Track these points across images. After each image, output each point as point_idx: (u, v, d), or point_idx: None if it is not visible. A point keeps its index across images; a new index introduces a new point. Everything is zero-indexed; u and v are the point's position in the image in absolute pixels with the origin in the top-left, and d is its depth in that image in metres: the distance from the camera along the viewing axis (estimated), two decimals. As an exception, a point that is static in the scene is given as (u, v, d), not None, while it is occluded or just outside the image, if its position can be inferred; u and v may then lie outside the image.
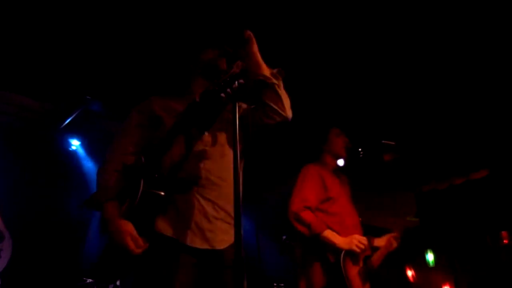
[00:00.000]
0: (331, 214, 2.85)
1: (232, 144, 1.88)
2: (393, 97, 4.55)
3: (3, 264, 3.64)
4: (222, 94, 1.64)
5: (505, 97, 4.49)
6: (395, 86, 4.38)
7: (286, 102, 1.92)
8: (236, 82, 1.62)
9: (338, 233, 2.75)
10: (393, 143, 3.44)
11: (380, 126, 4.96)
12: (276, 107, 1.88)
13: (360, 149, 3.19)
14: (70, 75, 4.15)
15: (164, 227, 1.70)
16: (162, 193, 1.69)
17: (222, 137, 1.92)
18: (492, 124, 4.99)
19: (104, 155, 1.89)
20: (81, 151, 5.36)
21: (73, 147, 5.32)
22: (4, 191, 4.14)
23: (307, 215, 2.74)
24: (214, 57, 1.97)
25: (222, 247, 1.73)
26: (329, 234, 2.71)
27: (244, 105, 1.75)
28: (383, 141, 3.41)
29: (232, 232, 1.73)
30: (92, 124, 5.12)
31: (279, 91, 1.89)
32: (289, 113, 1.93)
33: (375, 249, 2.99)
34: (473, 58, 3.95)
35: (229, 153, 1.87)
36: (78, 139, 5.31)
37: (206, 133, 1.88)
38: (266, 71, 1.89)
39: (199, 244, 1.69)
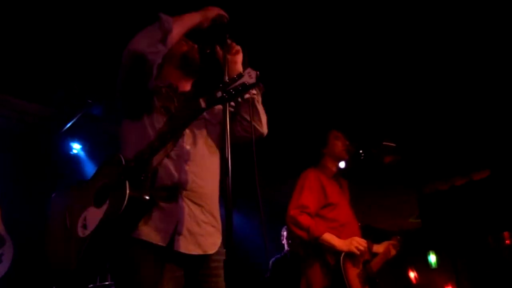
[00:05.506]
0: (330, 219, 2.84)
1: (213, 143, 1.84)
2: (394, 99, 4.55)
3: (4, 268, 3.63)
4: (233, 103, 1.54)
5: (505, 97, 4.48)
6: (395, 87, 4.38)
7: (264, 117, 1.88)
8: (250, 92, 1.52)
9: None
10: (393, 144, 3.44)
11: (380, 127, 4.96)
12: (253, 122, 1.81)
13: (361, 151, 3.18)
14: (71, 78, 4.15)
15: (149, 234, 1.59)
16: (147, 198, 1.58)
17: (201, 136, 1.83)
18: (493, 124, 4.98)
19: None
20: (82, 155, 5.36)
21: (74, 151, 5.31)
22: (5, 195, 4.13)
23: (304, 219, 2.73)
24: (189, 49, 1.90)
25: (212, 251, 1.68)
26: (328, 236, 2.70)
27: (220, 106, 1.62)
28: (384, 143, 3.40)
29: (217, 235, 1.74)
30: (93, 128, 5.12)
31: (258, 106, 1.85)
32: (265, 130, 1.89)
33: (374, 255, 2.99)
34: (474, 58, 3.95)
35: (208, 152, 1.82)
36: (79, 143, 5.30)
37: (187, 131, 1.77)
38: None
39: (192, 249, 1.63)
